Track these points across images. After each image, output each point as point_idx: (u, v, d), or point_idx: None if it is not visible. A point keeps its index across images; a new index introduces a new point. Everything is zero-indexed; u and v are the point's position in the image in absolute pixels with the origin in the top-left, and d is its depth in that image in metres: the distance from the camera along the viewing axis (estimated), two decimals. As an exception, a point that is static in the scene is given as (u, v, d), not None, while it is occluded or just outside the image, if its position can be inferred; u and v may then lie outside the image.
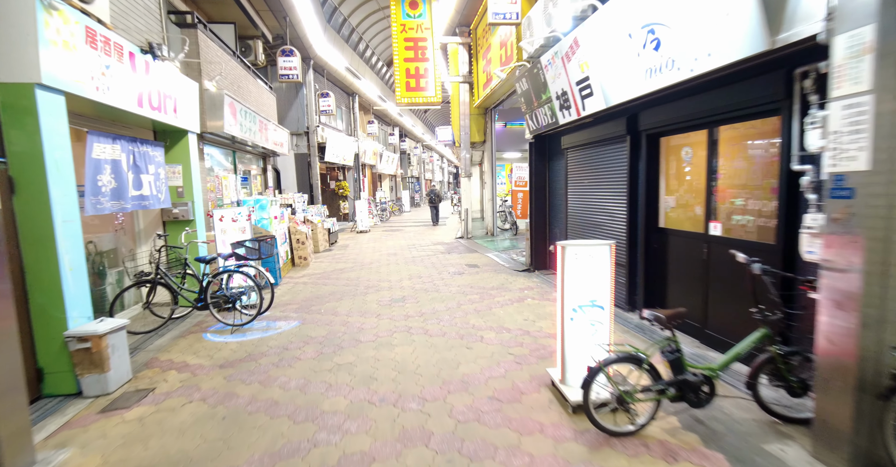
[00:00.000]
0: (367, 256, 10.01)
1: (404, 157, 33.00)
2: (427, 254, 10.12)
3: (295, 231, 8.96)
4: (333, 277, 7.79)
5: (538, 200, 7.78)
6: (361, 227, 15.26)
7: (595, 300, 3.06)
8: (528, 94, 6.73)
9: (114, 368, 3.59)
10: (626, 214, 5.18)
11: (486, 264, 8.60)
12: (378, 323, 5.10)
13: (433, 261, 9.04)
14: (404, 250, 10.77)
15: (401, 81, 11.63)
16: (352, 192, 19.52)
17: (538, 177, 7.76)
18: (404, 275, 7.80)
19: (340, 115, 18.79)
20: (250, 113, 8.65)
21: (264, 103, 10.92)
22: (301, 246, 8.99)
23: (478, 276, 7.49)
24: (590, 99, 5.06)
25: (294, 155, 14.93)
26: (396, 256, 9.84)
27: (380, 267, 8.63)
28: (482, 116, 12.39)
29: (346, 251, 10.97)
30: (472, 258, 9.34)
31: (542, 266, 7.84)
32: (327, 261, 9.60)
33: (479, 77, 11.47)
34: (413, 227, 16.83)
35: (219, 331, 5.05)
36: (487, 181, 12.61)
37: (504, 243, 11.31)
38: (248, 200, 7.35)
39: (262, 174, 11.88)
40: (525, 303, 5.75)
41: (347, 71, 16.86)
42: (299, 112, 14.87)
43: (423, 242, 12.24)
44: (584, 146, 6.14)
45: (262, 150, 11.25)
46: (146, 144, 5.40)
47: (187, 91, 6.00)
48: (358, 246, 11.90)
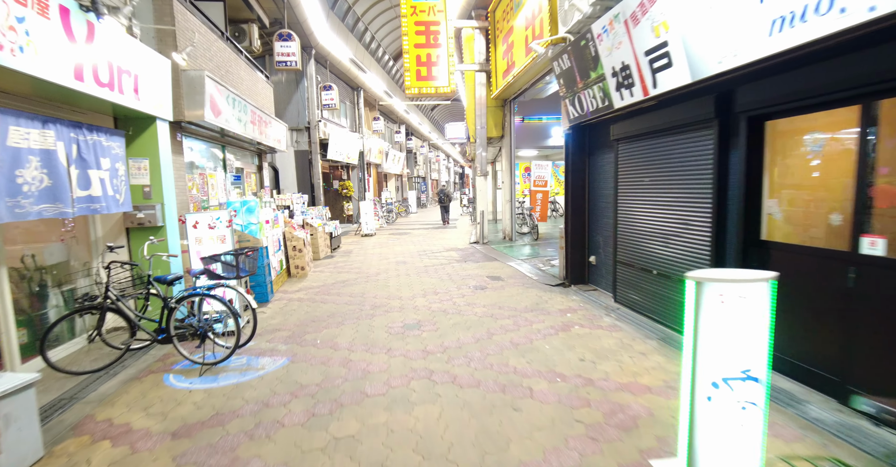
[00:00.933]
0: (373, 265, 8.86)
1: (410, 156, 31.89)
2: (441, 262, 8.97)
3: (291, 237, 7.83)
4: (334, 292, 6.64)
5: (575, 202, 6.61)
6: (367, 231, 14.13)
7: (749, 369, 1.89)
8: (569, 73, 5.55)
9: (7, 450, 2.46)
10: (711, 222, 4.00)
11: (511, 276, 7.43)
12: (389, 362, 3.95)
13: (449, 272, 7.88)
14: (415, 257, 9.62)
15: (411, 69, 10.49)
16: (356, 193, 18.41)
17: (576, 174, 6.59)
18: (417, 289, 6.64)
19: (344, 111, 17.68)
20: (241, 102, 7.53)
21: (259, 93, 9.80)
22: (298, 254, 7.86)
23: (505, 292, 6.32)
24: (666, 72, 3.88)
25: (294, 152, 13.83)
26: (406, 265, 8.69)
27: (388, 279, 7.48)
28: (500, 109, 11.22)
29: (350, 258, 9.83)
30: (493, 268, 8.17)
31: (580, 279, 6.66)
32: (328, 270, 8.46)
33: (497, 65, 10.31)
34: (422, 230, 15.68)
35: (185, 372, 3.91)
36: (506, 180, 11.43)
37: (525, 250, 10.13)
38: (232, 202, 6.22)
39: (258, 172, 10.76)
40: (572, 333, 4.57)
41: (352, 63, 15.75)
42: (300, 106, 13.76)
43: (434, 248, 11.08)
44: (645, 135, 4.96)
45: (257, 146, 10.14)
46: (98, 132, 4.28)
47: (154, 68, 4.88)
48: (363, 252, 10.76)
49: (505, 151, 11.30)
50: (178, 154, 6.17)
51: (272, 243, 6.97)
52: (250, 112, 8.04)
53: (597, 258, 6.40)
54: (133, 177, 4.99)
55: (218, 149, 8.44)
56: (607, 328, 4.72)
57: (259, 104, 9.56)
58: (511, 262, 8.59)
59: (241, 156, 9.82)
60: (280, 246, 7.51)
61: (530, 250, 10.01)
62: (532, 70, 7.98)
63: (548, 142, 14.20)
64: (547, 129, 14.13)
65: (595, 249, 6.44)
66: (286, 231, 7.83)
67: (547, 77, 8.19)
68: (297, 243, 7.84)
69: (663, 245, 4.70)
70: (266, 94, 10.41)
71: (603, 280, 6.25)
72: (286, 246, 7.86)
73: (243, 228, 6.17)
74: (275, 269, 6.97)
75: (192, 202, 6.74)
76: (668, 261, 4.62)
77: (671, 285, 4.55)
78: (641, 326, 4.72)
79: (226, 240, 5.07)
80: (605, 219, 6.05)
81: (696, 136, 4.18)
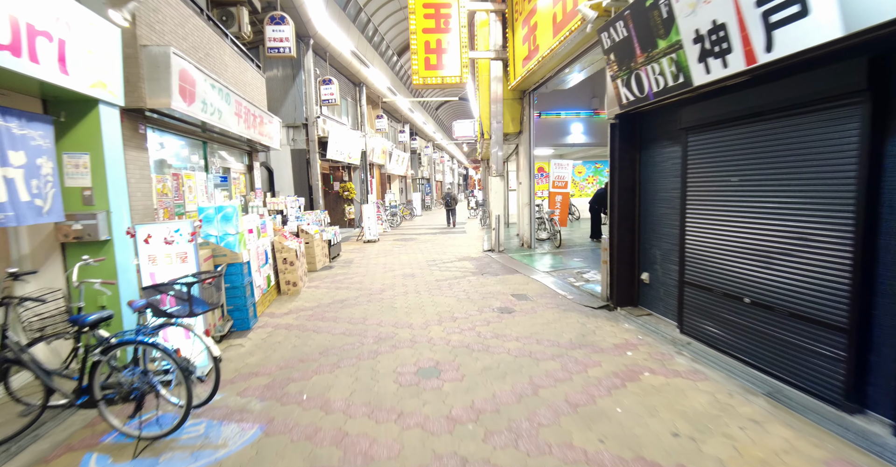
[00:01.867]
0: (376, 278, 7.72)
1: (414, 157, 30.80)
2: (454, 275, 7.82)
3: (281, 248, 6.70)
4: (330, 317, 5.50)
5: (623, 207, 5.45)
6: (369, 236, 13.00)
7: None
8: (624, 46, 4.40)
9: None
10: (852, 237, 2.84)
11: (540, 294, 6.28)
12: (401, 439, 2.80)
13: (465, 288, 6.73)
14: (424, 269, 8.48)
15: (419, 57, 9.37)
16: (358, 195, 17.30)
17: (624, 173, 5.44)
18: (430, 313, 5.50)
19: (345, 108, 16.59)
20: (224, 90, 6.43)
21: (249, 84, 8.70)
22: (289, 268, 6.73)
23: (539, 318, 5.17)
24: (793, 26, 2.73)
25: (290, 151, 12.73)
26: (415, 279, 7.54)
27: (394, 297, 6.34)
28: (518, 101, 10.08)
29: (351, 270, 8.69)
30: (516, 283, 7.01)
31: (628, 300, 5.50)
32: (325, 285, 7.33)
33: (515, 52, 9.18)
34: (429, 236, 14.53)
35: (116, 449, 2.79)
36: (523, 181, 10.28)
37: (547, 259, 8.97)
38: (204, 208, 5.09)
39: (248, 173, 9.66)
40: (644, 383, 3.42)
41: (353, 56, 14.66)
42: (297, 101, 12.66)
43: (445, 256, 9.93)
44: (734, 121, 3.80)
45: (247, 144, 9.03)
46: (9, 116, 3.17)
47: (95, 36, 3.76)
48: (365, 261, 9.62)
49: (523, 149, 10.15)
50: (138, 149, 5.05)
51: (257, 257, 5.84)
52: (234, 103, 6.94)
53: (651, 275, 5.24)
54: (69, 176, 3.87)
55: (199, 146, 7.33)
56: (687, 375, 3.56)
57: (249, 96, 8.46)
58: (536, 276, 7.43)
59: (229, 154, 8.71)
60: (267, 259, 6.38)
61: (554, 260, 8.85)
62: (561, 53, 6.84)
63: (566, 140, 13.05)
64: (565, 126, 12.98)
65: (649, 265, 5.28)
66: (276, 241, 6.70)
67: (579, 60, 7.04)
68: (289, 255, 6.71)
69: (763, 266, 3.53)
70: (257, 86, 9.30)
71: (660, 303, 5.08)
72: (275, 258, 6.73)
73: (219, 240, 5.05)
74: (260, 288, 5.84)
75: (161, 208, 5.63)
76: (771, 287, 3.46)
77: (777, 320, 3.38)
78: (733, 373, 3.56)
79: (188, 259, 3.94)
80: (666, 228, 4.89)
81: (827, 119, 3.02)
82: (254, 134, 8.06)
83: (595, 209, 10.97)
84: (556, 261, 8.68)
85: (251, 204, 7.87)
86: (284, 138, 12.60)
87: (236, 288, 5.11)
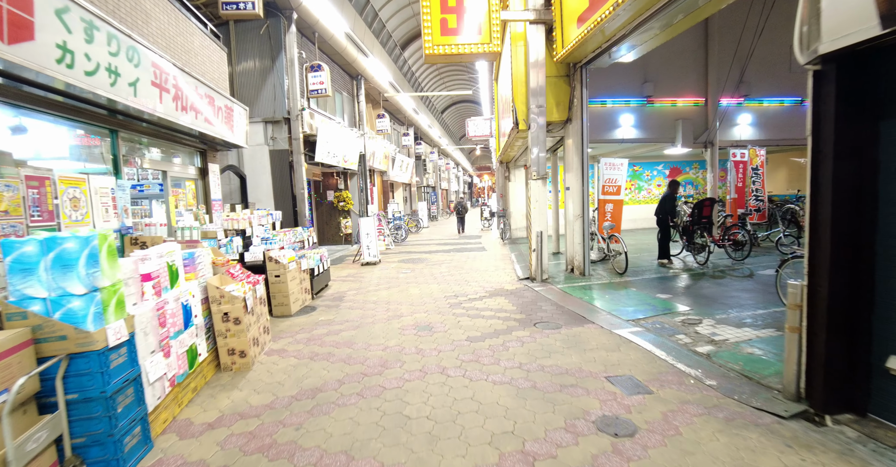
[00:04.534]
0: (375, 335, 5.12)
1: (419, 163, 28.34)
2: (492, 325, 5.21)
3: (219, 297, 4.11)
4: (285, 444, 2.90)
5: (837, 222, 2.86)
6: (368, 258, 10.42)
7: None
8: None
9: None
10: None
11: (654, 375, 3.67)
12: None
13: (521, 360, 4.12)
14: (444, 313, 5.87)
15: (432, 18, 6.88)
16: (356, 206, 14.76)
17: (843, 163, 2.85)
18: (476, 439, 2.89)
19: (340, 104, 14.13)
20: (122, 39, 3.94)
21: (194, 53, 6.22)
22: (233, 328, 4.14)
23: (697, 456, 2.55)
24: None
25: (269, 152, 10.22)
26: (434, 337, 4.94)
27: (404, 386, 3.72)
28: (565, 80, 7.55)
29: (339, 314, 6.09)
30: (598, 346, 4.40)
31: (844, 401, 2.90)
32: (295, 349, 4.73)
33: (564, 9, 6.68)
34: (442, 254, 11.93)
35: None
36: (573, 186, 7.70)
37: (617, 295, 6.36)
38: (20, 243, 2.52)
39: (201, 178, 7.12)
40: None
41: (349, 40, 12.23)
42: (277, 90, 10.18)
43: (469, 288, 7.33)
44: None
45: (198, 139, 6.54)
46: None
47: None
48: (361, 297, 7.03)
49: (572, 143, 7.59)
50: None
51: (161, 322, 3.25)
52: (153, 68, 4.42)
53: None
54: None
55: (103, 137, 4.81)
56: None
57: (197, 70, 5.99)
58: (622, 330, 4.81)
59: (167, 153, 6.20)
60: (189, 318, 3.79)
61: (629, 296, 6.23)
62: None
63: (614, 134, 10.51)
64: (613, 117, 10.44)
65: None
66: (211, 285, 4.12)
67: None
68: (233, 308, 4.12)
69: None
70: (212, 60, 6.81)
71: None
72: (211, 313, 4.15)
73: (49, 308, 2.48)
74: (166, 381, 3.23)
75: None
76: None
77: None
78: None
79: None
80: None
81: None
82: (200, 123, 5.55)
83: (664, 221, 8.36)
84: (635, 299, 6.06)
85: (194, 224, 5.30)
86: (261, 136, 10.10)
87: (91, 401, 2.54)
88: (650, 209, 15.60)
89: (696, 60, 10.62)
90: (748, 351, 4.04)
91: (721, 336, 4.50)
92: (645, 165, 15.15)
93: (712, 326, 4.81)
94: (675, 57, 10.49)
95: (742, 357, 3.93)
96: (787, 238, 8.56)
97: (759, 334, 4.47)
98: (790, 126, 11.11)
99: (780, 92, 10.97)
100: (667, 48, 10.27)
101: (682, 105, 10.67)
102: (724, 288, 6.49)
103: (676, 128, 10.62)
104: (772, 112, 11.08)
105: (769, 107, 11.05)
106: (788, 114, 11.11)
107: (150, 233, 4.89)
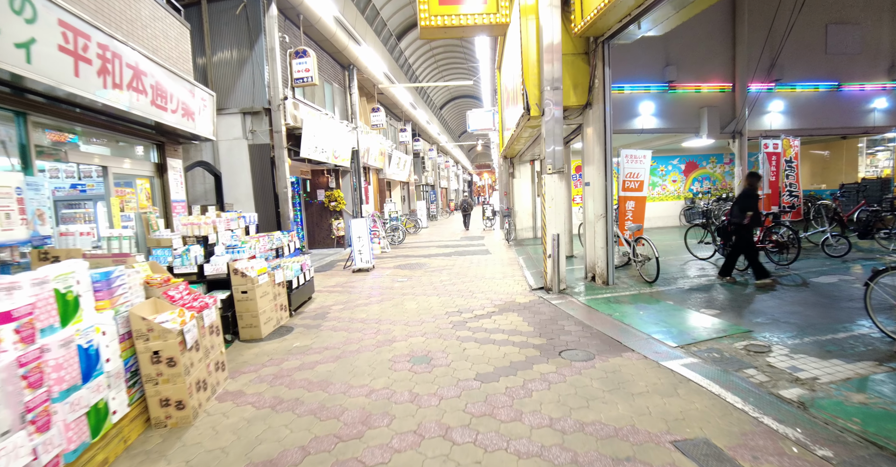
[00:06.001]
0: (360, 369, 4.08)
1: (417, 161, 27.29)
2: (506, 355, 4.18)
3: (145, 332, 3.07)
4: None
5: None
6: (360, 265, 9.38)
7: None
8: None
9: None
10: None
11: (742, 441, 2.64)
12: None
13: (551, 414, 3.09)
14: (447, 336, 4.84)
15: (429, -17, 5.84)
16: (350, 206, 13.72)
17: None
18: None
19: (330, 95, 13.07)
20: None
21: (142, 23, 5.18)
22: (167, 372, 3.10)
23: None
24: None
25: (248, 146, 9.17)
26: (433, 370, 3.91)
27: (396, 457, 2.69)
28: (583, 58, 6.51)
29: (319, 339, 5.06)
30: (646, 388, 3.37)
31: None
32: (254, 393, 3.69)
33: (585, -28, 5.63)
34: (443, 258, 10.89)
35: None
36: (594, 181, 6.66)
37: (652, 311, 5.32)
38: None
39: (158, 176, 6.09)
40: None
41: (338, 25, 11.16)
42: (255, 77, 9.13)
43: (475, 301, 6.30)
44: None
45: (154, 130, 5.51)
46: None
47: None
48: (348, 314, 6.00)
49: (593, 131, 6.56)
50: None
51: (17, 388, 2.20)
52: (59, 29, 3.38)
53: None
54: None
55: (3, 121, 3.77)
56: None
57: (147, 45, 4.96)
58: (674, 363, 3.78)
59: (108, 144, 5.17)
60: (95, 365, 2.74)
61: (666, 312, 5.20)
62: None
63: (632, 124, 9.46)
64: (631, 105, 9.40)
65: None
66: (136, 315, 3.07)
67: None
68: (165, 345, 3.08)
69: None
70: (168, 35, 5.76)
71: None
72: (137, 352, 3.11)
73: None
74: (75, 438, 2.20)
75: None
76: None
77: None
78: None
79: None
80: None
81: None
82: (146, 107, 4.52)
83: (737, 225, 6.51)
84: (675, 317, 5.02)
85: (124, 233, 4.25)
86: (239, 129, 9.06)
87: None
88: (665, 207, 14.58)
89: (723, 41, 9.57)
90: (859, 400, 3.00)
91: (806, 371, 3.47)
92: (659, 160, 14.10)
93: (787, 356, 3.78)
94: (699, 37, 9.45)
95: (855, 409, 2.89)
96: (834, 238, 7.51)
97: (858, 371, 3.44)
98: (825, 114, 10.06)
99: (814, 76, 9.92)
100: (690, 28, 9.23)
101: (708, 91, 9.63)
102: (780, 300, 5.45)
103: (701, 116, 9.57)
104: (804, 98, 10.04)
105: (802, 92, 10.00)
106: (823, 100, 10.06)
107: (68, 244, 3.84)
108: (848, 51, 9.90)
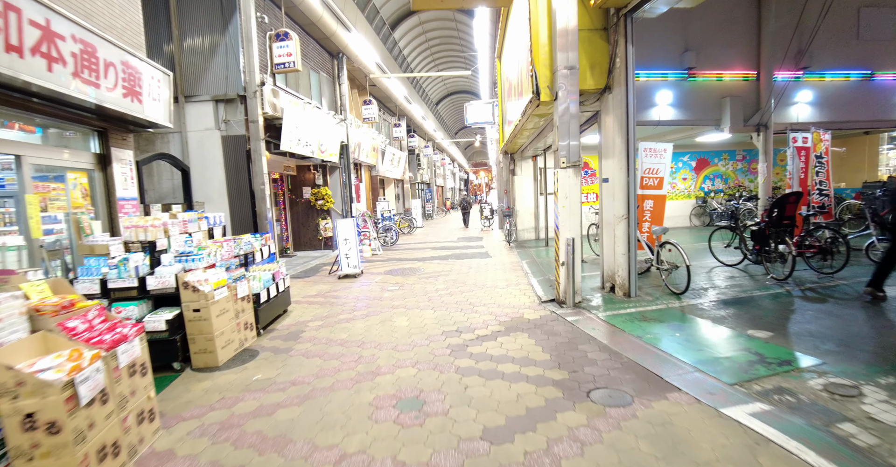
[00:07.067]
0: (330, 419, 3.18)
1: (412, 158, 26.32)
2: (522, 402, 3.29)
3: (13, 387, 2.14)
4: None
5: None
6: (347, 269, 8.46)
7: None
8: None
9: None
10: None
11: None
12: None
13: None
14: (443, 365, 3.95)
15: (422, -60, 4.92)
16: (339, 204, 12.79)
17: None
18: None
19: (317, 85, 12.10)
20: None
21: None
22: (49, 441, 2.18)
23: None
24: None
25: (221, 138, 8.22)
26: (424, 423, 3.02)
27: None
28: (601, 34, 5.63)
29: (285, 368, 4.15)
30: (719, 457, 2.48)
31: None
32: (190, 450, 2.78)
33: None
34: (439, 262, 9.99)
35: None
36: (615, 177, 5.79)
37: (695, 332, 4.46)
38: None
39: (100, 170, 5.14)
40: None
41: (324, 6, 10.23)
42: (230, 60, 8.18)
43: (475, 318, 5.40)
44: None
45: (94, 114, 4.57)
46: None
47: None
48: (325, 336, 5.08)
49: (614, 120, 5.68)
50: None
51: None
52: None
53: None
54: None
55: None
56: None
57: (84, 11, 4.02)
58: (737, 411, 2.91)
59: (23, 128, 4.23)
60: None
61: (715, 334, 4.32)
62: None
63: (648, 115, 8.59)
64: (647, 94, 8.52)
65: None
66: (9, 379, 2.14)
67: None
68: (44, 405, 2.15)
69: None
70: (110, 1, 4.82)
71: None
72: (4, 416, 2.18)
73: None
74: None
75: None
76: None
77: None
78: None
79: None
80: None
81: None
82: (63, 78, 3.57)
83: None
84: (720, 339, 4.15)
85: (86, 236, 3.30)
86: (211, 119, 8.11)
87: None
88: (675, 206, 13.71)
89: (747, 24, 8.71)
90: None
91: (922, 428, 2.60)
92: (670, 156, 13.23)
93: (887, 402, 2.91)
94: (721, 20, 8.58)
95: None
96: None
97: None
98: (856, 105, 9.23)
99: (845, 64, 9.08)
100: (712, 9, 8.36)
101: (730, 79, 8.76)
102: (842, 318, 4.59)
103: (723, 107, 8.72)
104: (834, 88, 9.20)
105: (831, 82, 9.17)
106: (854, 90, 9.23)
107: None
108: (882, 36, 9.06)
